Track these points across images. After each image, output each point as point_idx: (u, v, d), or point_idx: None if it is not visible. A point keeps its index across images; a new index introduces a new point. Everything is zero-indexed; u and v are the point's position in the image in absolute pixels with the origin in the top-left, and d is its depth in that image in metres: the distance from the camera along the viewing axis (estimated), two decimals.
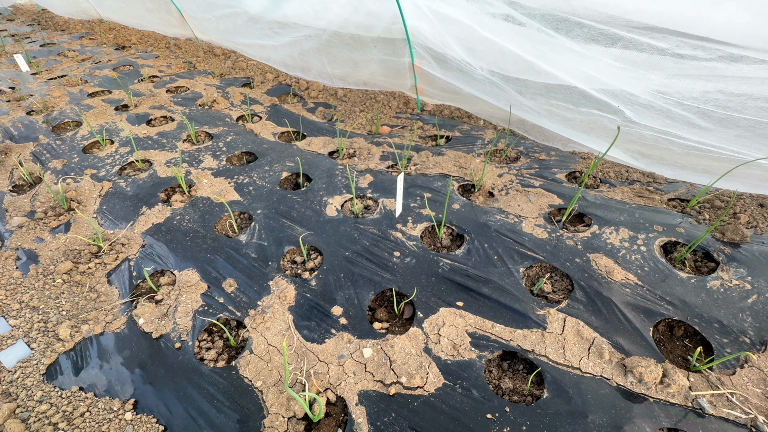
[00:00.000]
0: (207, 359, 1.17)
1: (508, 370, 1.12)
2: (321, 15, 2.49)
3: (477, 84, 2.08)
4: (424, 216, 1.65)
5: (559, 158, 1.98)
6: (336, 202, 1.76)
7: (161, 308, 1.34)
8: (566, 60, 1.69)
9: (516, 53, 1.78)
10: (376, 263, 1.45)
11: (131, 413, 1.05)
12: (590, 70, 1.66)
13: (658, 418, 0.97)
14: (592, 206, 1.64)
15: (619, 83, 1.63)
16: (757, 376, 1.04)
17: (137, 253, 1.57)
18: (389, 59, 2.41)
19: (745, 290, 1.26)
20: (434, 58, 2.16)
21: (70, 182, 2.00)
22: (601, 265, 1.37)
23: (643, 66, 1.54)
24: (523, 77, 1.88)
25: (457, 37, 1.95)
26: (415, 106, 2.60)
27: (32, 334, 1.27)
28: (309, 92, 2.90)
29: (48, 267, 1.51)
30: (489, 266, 1.40)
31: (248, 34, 3.20)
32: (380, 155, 2.09)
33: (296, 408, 1.03)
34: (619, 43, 1.53)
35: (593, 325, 1.19)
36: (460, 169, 1.93)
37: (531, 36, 1.69)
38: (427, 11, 1.96)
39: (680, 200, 1.67)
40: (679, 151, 1.65)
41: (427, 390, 1.06)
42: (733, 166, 1.51)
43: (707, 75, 1.44)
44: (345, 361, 1.14)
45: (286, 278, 1.41)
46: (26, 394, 1.11)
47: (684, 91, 1.51)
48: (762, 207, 1.57)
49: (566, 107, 1.87)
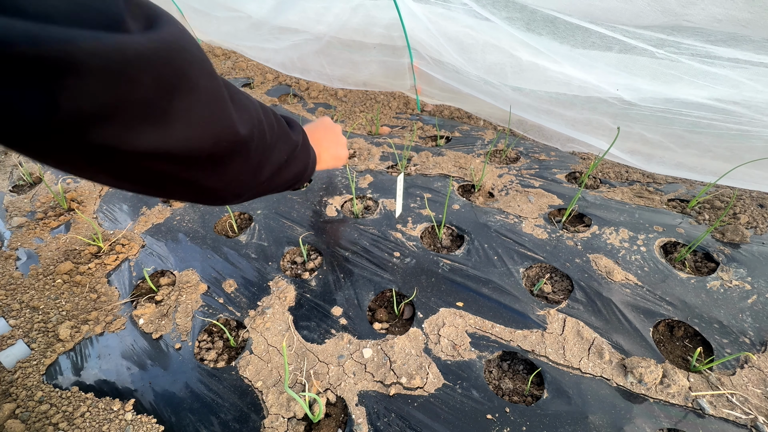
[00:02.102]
0: (207, 359, 1.17)
1: (508, 370, 1.12)
2: (321, 19, 2.49)
3: (475, 83, 2.09)
4: (424, 216, 1.65)
5: (558, 158, 1.98)
6: (336, 203, 1.76)
7: (161, 308, 1.34)
8: (567, 66, 1.69)
9: (517, 58, 1.79)
10: (376, 263, 1.45)
11: (131, 413, 1.05)
12: (588, 75, 1.67)
13: (658, 418, 0.97)
14: (591, 207, 1.64)
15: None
16: (757, 376, 1.04)
17: (137, 254, 1.57)
18: (389, 60, 2.42)
19: (745, 290, 1.26)
20: (433, 60, 2.17)
21: (70, 182, 2.00)
22: (601, 265, 1.37)
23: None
24: (524, 85, 1.90)
25: (457, 46, 1.96)
26: (415, 106, 2.60)
27: (32, 334, 1.27)
28: (309, 92, 2.90)
29: (48, 267, 1.51)
30: (489, 266, 1.40)
31: (250, 38, 3.20)
32: (380, 155, 2.09)
33: (296, 408, 1.03)
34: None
35: (593, 326, 1.19)
36: (460, 170, 1.93)
37: (528, 43, 1.70)
38: (426, 21, 1.97)
39: (680, 201, 1.67)
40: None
41: (427, 390, 1.06)
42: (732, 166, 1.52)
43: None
44: (345, 362, 1.14)
45: (286, 279, 1.41)
46: (26, 395, 1.11)
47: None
48: (762, 207, 1.57)
49: (564, 100, 1.87)
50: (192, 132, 0.43)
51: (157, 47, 0.36)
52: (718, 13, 1.25)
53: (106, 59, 0.32)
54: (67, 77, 0.30)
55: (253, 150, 0.58)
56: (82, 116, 0.33)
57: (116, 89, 0.34)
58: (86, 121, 0.34)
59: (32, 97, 0.30)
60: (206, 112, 0.44)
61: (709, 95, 1.46)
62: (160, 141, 0.40)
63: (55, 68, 0.30)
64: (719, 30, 1.30)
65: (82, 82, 0.32)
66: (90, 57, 0.31)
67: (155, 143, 0.40)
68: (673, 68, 1.46)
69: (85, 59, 0.31)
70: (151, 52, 0.36)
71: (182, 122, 0.41)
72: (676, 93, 1.52)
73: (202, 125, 0.44)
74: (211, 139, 0.45)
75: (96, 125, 0.35)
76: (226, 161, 0.50)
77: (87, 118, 0.34)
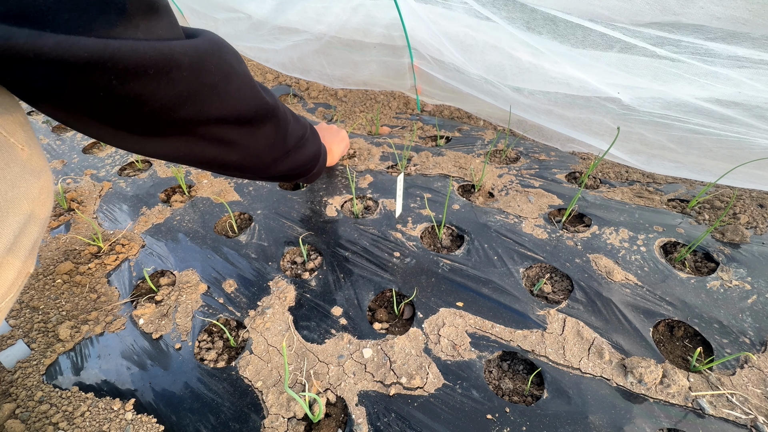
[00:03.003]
0: (207, 359, 1.17)
1: (508, 370, 1.12)
2: (322, 19, 2.49)
3: (475, 82, 2.09)
4: (424, 216, 1.65)
5: (558, 159, 1.98)
6: (336, 203, 1.76)
7: (161, 308, 1.34)
8: (566, 67, 1.69)
9: (518, 58, 1.79)
10: (376, 263, 1.45)
11: (132, 413, 1.05)
12: (588, 75, 1.67)
13: (658, 418, 0.97)
14: (591, 207, 1.64)
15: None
16: (757, 376, 1.04)
17: (137, 254, 1.57)
18: (389, 60, 2.41)
19: (745, 291, 1.26)
20: (434, 59, 2.17)
21: (70, 182, 2.00)
22: (600, 265, 1.37)
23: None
24: (523, 86, 1.90)
25: (458, 46, 1.95)
26: (415, 106, 2.60)
27: (32, 334, 1.27)
28: (309, 92, 2.90)
29: (48, 267, 1.51)
30: (489, 267, 1.40)
31: (250, 38, 3.20)
32: (380, 156, 2.09)
33: (296, 408, 1.03)
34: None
35: (593, 326, 1.19)
36: (460, 170, 1.93)
37: (529, 43, 1.70)
38: (427, 20, 1.97)
39: (680, 201, 1.67)
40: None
41: (427, 390, 1.06)
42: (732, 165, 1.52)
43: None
44: (345, 362, 1.14)
45: (286, 279, 1.41)
46: (26, 395, 1.11)
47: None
48: (762, 207, 1.57)
49: (564, 101, 1.87)
50: (241, 104, 0.65)
51: (211, 47, 0.57)
52: (717, 11, 1.25)
53: (192, 56, 0.54)
54: (171, 70, 0.52)
55: (281, 117, 0.80)
56: (177, 99, 0.55)
57: (199, 77, 0.56)
58: (175, 105, 0.55)
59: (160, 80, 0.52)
60: (247, 89, 0.66)
61: (709, 95, 1.46)
62: (223, 110, 0.62)
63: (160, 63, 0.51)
64: (719, 28, 1.30)
65: (180, 74, 0.53)
66: (182, 56, 0.52)
67: (220, 112, 0.62)
68: (673, 67, 1.46)
69: (180, 58, 0.52)
70: (209, 50, 0.56)
71: (235, 98, 0.63)
72: (677, 93, 1.52)
73: (246, 98, 0.66)
74: (253, 107, 0.68)
75: (183, 106, 0.56)
76: (264, 123, 0.75)
77: (176, 103, 0.55)
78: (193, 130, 0.62)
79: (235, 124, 0.67)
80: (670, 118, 1.58)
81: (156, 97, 0.51)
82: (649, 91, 1.59)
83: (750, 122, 1.43)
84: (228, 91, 0.60)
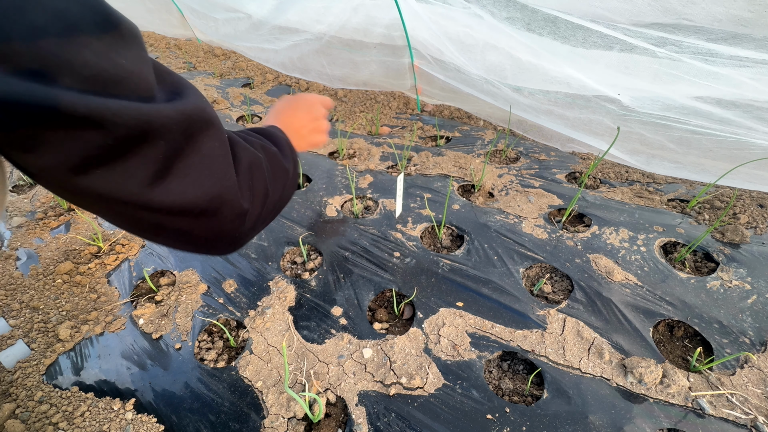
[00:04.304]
0: (207, 359, 1.17)
1: (508, 370, 1.12)
2: (322, 19, 2.49)
3: (476, 82, 2.09)
4: (424, 216, 1.65)
5: (558, 159, 1.98)
6: (336, 203, 1.76)
7: (161, 308, 1.34)
8: (566, 66, 1.69)
9: (518, 58, 1.79)
10: (376, 263, 1.45)
11: (132, 413, 1.05)
12: (588, 76, 1.67)
13: (658, 418, 0.97)
14: (591, 207, 1.64)
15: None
16: (756, 376, 1.04)
17: (137, 254, 1.57)
18: (389, 60, 2.41)
19: (745, 291, 1.26)
20: (434, 59, 2.16)
21: None
22: (600, 265, 1.37)
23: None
24: (523, 86, 1.90)
25: (458, 45, 1.95)
26: (415, 106, 2.60)
27: (32, 334, 1.27)
28: (309, 92, 2.90)
29: (48, 267, 1.51)
30: (489, 267, 1.40)
31: (250, 38, 3.20)
32: (380, 156, 2.09)
33: (296, 408, 1.03)
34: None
35: (593, 326, 1.19)
36: (460, 170, 1.93)
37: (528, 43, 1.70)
38: (427, 20, 1.97)
39: (680, 201, 1.67)
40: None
41: (427, 390, 1.06)
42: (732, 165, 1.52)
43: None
44: (345, 362, 1.14)
45: (286, 279, 1.41)
46: (26, 395, 1.11)
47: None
48: (762, 207, 1.57)
49: (564, 101, 1.87)
50: (187, 188, 0.45)
51: (177, 116, 0.42)
52: (718, 12, 1.25)
53: (134, 124, 0.38)
54: (104, 135, 0.36)
55: (254, 215, 0.58)
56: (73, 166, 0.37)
57: (136, 148, 0.39)
58: (77, 169, 0.37)
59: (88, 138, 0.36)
60: (204, 172, 0.46)
61: (710, 95, 1.46)
62: (164, 194, 0.43)
63: (90, 125, 0.35)
64: (720, 29, 1.30)
65: (112, 138, 0.37)
66: (123, 120, 0.37)
67: (160, 196, 0.43)
68: (674, 68, 1.46)
69: (117, 121, 0.36)
70: (171, 119, 0.41)
71: (179, 178, 0.44)
72: (677, 94, 1.52)
73: (198, 183, 0.46)
74: (206, 196, 0.47)
75: (88, 173, 0.38)
76: (220, 217, 0.51)
77: (78, 168, 0.37)
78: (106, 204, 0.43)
79: (170, 213, 0.47)
80: (670, 119, 1.58)
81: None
82: (649, 92, 1.59)
83: (750, 124, 1.43)
84: (171, 168, 0.44)
